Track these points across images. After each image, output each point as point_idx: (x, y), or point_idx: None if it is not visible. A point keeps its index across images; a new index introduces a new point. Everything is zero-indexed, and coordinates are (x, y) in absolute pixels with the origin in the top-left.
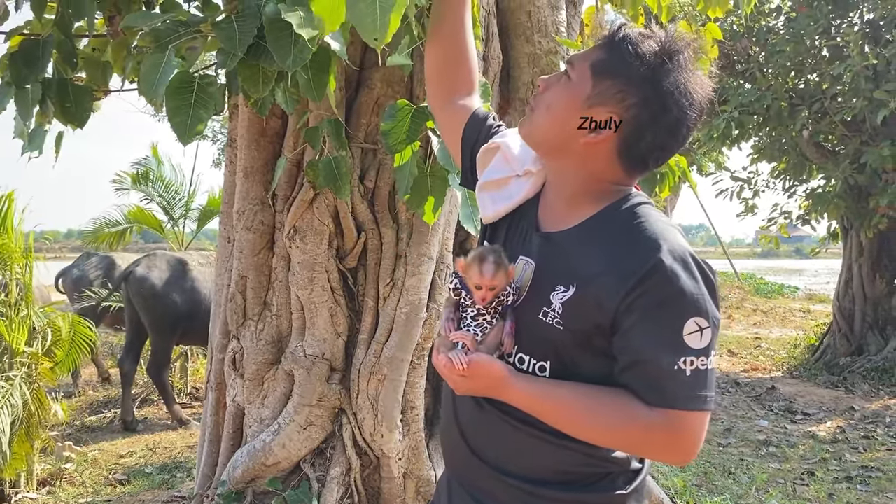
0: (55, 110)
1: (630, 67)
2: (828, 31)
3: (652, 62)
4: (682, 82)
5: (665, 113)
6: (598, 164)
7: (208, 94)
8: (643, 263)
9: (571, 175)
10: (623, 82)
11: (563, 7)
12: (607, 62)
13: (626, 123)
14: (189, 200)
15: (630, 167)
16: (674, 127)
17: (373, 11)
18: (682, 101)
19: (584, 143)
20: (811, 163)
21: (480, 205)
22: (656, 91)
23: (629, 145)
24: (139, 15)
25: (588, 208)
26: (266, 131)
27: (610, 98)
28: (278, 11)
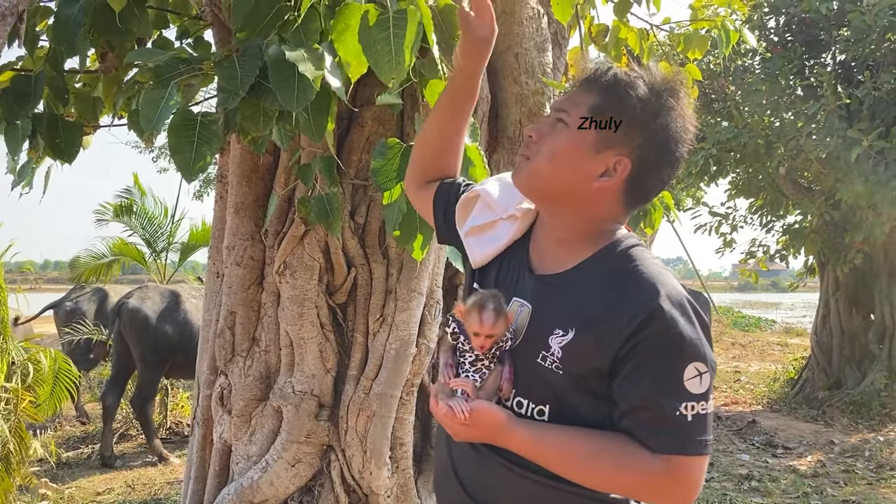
0: (45, 146)
1: (631, 109)
2: (802, 71)
3: (652, 102)
4: (681, 118)
5: (669, 149)
6: (603, 207)
7: (211, 131)
8: (642, 309)
9: (572, 218)
10: (629, 125)
11: (549, 49)
12: (605, 106)
13: (633, 164)
14: (171, 233)
15: (632, 206)
16: (675, 161)
17: (388, 52)
18: (682, 136)
19: (595, 189)
20: (787, 199)
21: (468, 251)
22: (659, 129)
23: (636, 185)
24: (142, 51)
25: (583, 250)
26: (258, 167)
27: (616, 141)
28: (282, 52)
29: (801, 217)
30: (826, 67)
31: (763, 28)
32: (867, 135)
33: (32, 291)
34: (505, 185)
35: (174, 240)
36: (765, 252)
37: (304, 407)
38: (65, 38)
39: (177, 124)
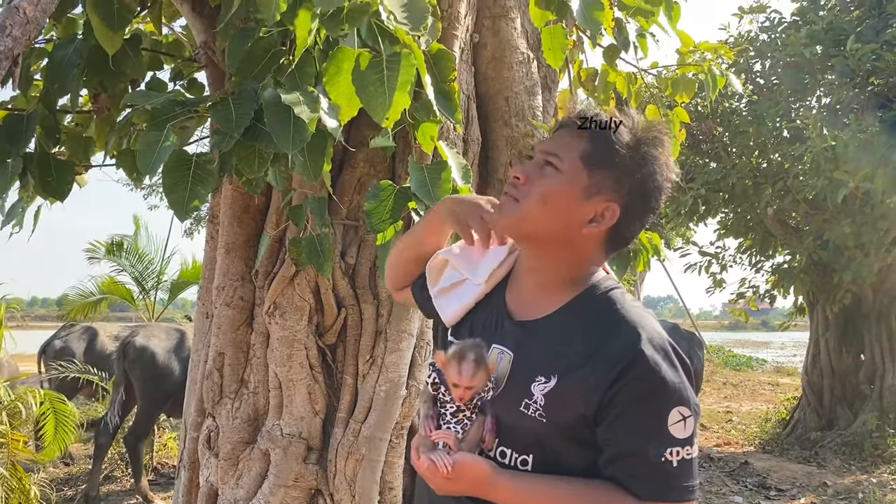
0: (35, 184)
1: (620, 156)
2: (788, 113)
3: (640, 150)
4: (665, 167)
5: (653, 197)
6: (588, 251)
7: (206, 171)
8: (624, 354)
9: (556, 263)
10: (617, 171)
11: (538, 93)
12: (596, 152)
13: (621, 211)
14: (161, 272)
15: (612, 250)
16: (655, 208)
17: (381, 93)
18: (665, 185)
19: (584, 234)
20: (776, 239)
21: (440, 311)
22: (646, 177)
23: (620, 231)
24: (138, 94)
25: (564, 294)
26: (249, 208)
27: (606, 187)
28: (277, 95)
29: (789, 257)
30: (812, 110)
31: (749, 71)
32: (853, 176)
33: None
34: (466, 247)
35: (164, 278)
36: (754, 292)
37: (293, 450)
38: (58, 78)
39: (172, 165)
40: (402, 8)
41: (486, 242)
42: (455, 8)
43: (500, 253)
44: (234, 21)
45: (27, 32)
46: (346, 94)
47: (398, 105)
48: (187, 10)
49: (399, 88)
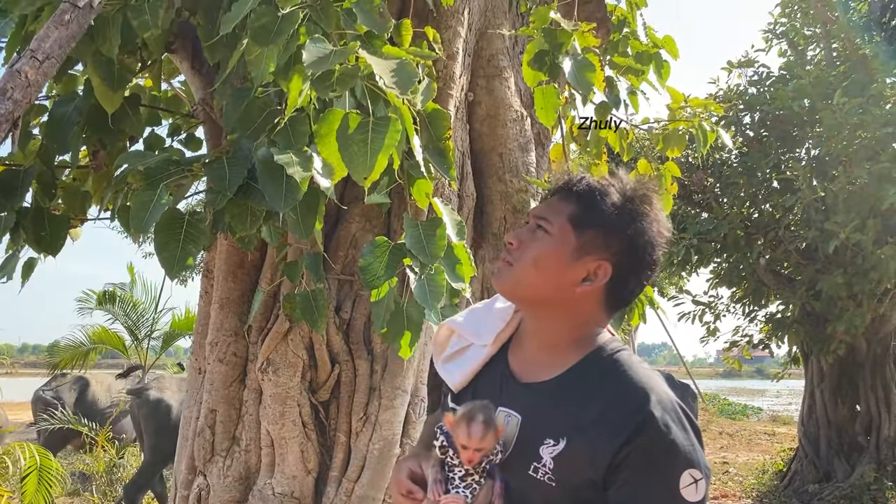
0: (28, 238)
1: (607, 215)
2: (778, 165)
3: (627, 209)
4: (655, 223)
5: (646, 253)
6: (587, 311)
7: (198, 230)
8: (634, 417)
9: (556, 324)
10: (605, 231)
11: (532, 149)
12: (584, 214)
13: (613, 269)
14: (154, 321)
15: (614, 309)
16: (652, 264)
17: (363, 153)
18: (657, 240)
19: (578, 294)
20: (769, 289)
21: (447, 377)
22: (636, 235)
23: (617, 289)
24: (133, 154)
25: (569, 356)
26: (244, 263)
27: (596, 247)
28: (271, 154)
29: (782, 307)
30: (801, 162)
31: (739, 124)
32: (844, 227)
33: (9, 376)
34: (473, 311)
35: (157, 327)
36: (748, 342)
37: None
38: (58, 136)
39: (164, 223)
40: (392, 73)
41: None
42: (450, 69)
43: (505, 314)
44: (232, 80)
45: (28, 95)
46: (337, 154)
47: (379, 166)
48: (186, 68)
49: (383, 151)
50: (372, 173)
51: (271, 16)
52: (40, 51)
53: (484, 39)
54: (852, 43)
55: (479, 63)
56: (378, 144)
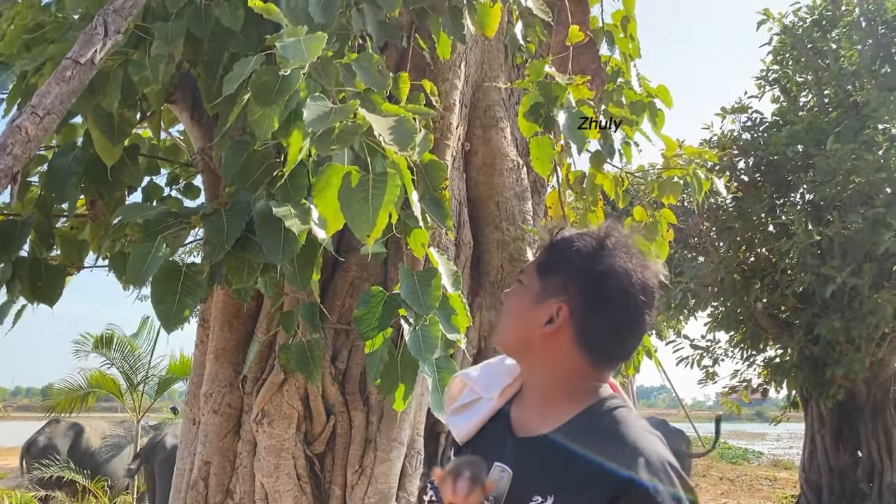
0: (24, 289)
1: (569, 260)
2: (773, 210)
3: (587, 251)
4: (619, 265)
5: (607, 294)
6: (560, 356)
7: (195, 282)
8: (621, 478)
9: (540, 373)
10: (565, 274)
11: (528, 198)
12: (549, 260)
13: (575, 311)
14: (150, 366)
15: (593, 356)
16: (621, 308)
17: (365, 210)
18: (623, 282)
19: (541, 336)
20: (767, 333)
21: (453, 429)
22: (594, 275)
23: (584, 331)
24: (131, 207)
25: (564, 410)
26: (240, 312)
27: (556, 290)
28: (269, 207)
29: (781, 351)
30: (796, 206)
31: (733, 169)
32: (840, 272)
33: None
34: (486, 366)
35: (152, 371)
36: (746, 387)
37: None
38: (57, 186)
39: (161, 275)
40: (391, 130)
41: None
42: (447, 120)
43: (513, 370)
44: (231, 132)
45: (27, 150)
46: (333, 208)
47: (381, 223)
48: (186, 118)
49: (383, 207)
50: (374, 230)
51: (272, 75)
52: (41, 106)
53: (480, 91)
54: (844, 90)
55: (476, 113)
56: (379, 201)
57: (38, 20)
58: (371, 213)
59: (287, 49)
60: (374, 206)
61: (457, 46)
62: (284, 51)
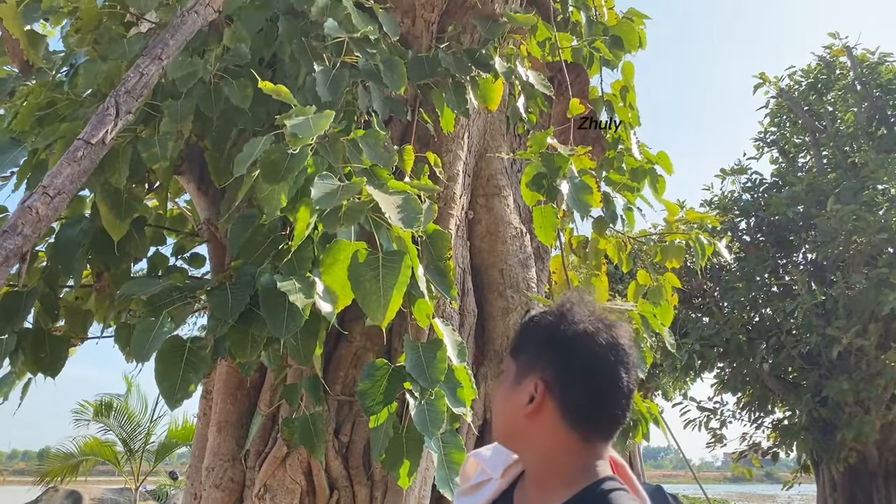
0: (27, 360)
1: (535, 335)
2: (776, 270)
3: (550, 323)
4: (582, 328)
5: (577, 359)
6: (548, 435)
7: (199, 358)
8: None
9: (532, 456)
10: (533, 350)
11: (532, 265)
12: (519, 341)
13: (550, 384)
14: (149, 432)
15: (580, 427)
16: (593, 369)
17: (376, 291)
18: (589, 344)
19: (525, 418)
20: (774, 394)
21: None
22: (561, 344)
23: (565, 401)
24: (137, 282)
25: (559, 495)
26: (243, 385)
27: (529, 368)
28: (274, 281)
29: (789, 413)
30: (798, 266)
31: (735, 229)
32: (846, 333)
33: None
34: (497, 446)
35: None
36: (756, 450)
37: None
38: (63, 258)
39: (165, 351)
40: (398, 209)
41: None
42: (451, 190)
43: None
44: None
45: (38, 230)
46: (342, 284)
47: (394, 304)
48: (192, 189)
49: (396, 288)
50: (387, 312)
51: (281, 153)
52: (52, 186)
53: (483, 160)
54: (842, 151)
55: (479, 182)
56: (391, 282)
57: (51, 98)
58: (383, 294)
59: (297, 127)
60: (386, 288)
61: (460, 119)
62: (294, 129)
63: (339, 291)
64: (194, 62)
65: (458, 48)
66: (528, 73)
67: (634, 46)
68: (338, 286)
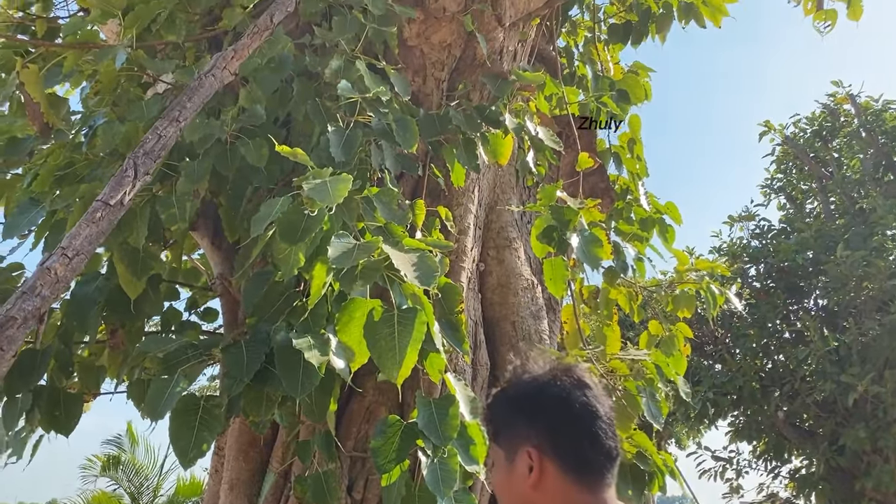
0: (42, 419)
1: (505, 415)
2: (787, 316)
3: (512, 397)
4: (544, 384)
5: (553, 413)
6: (559, 496)
7: (213, 416)
8: None
9: None
10: (510, 428)
11: (544, 317)
12: (493, 428)
13: (541, 448)
14: (158, 487)
15: (585, 477)
16: (572, 415)
17: (392, 348)
18: (557, 394)
19: (531, 488)
20: (790, 443)
21: None
22: (531, 408)
23: (562, 456)
24: (152, 340)
25: None
26: (255, 442)
27: (515, 445)
28: (289, 339)
29: (806, 462)
30: (810, 312)
31: (745, 276)
32: (861, 380)
33: None
34: None
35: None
36: (773, 502)
37: None
38: (79, 316)
39: (180, 410)
40: (413, 267)
41: None
42: (462, 243)
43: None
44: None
45: (56, 291)
46: (358, 341)
47: (409, 362)
48: (207, 244)
49: (411, 345)
50: (402, 369)
51: (298, 214)
52: (71, 248)
53: (493, 212)
54: (849, 197)
55: (490, 234)
56: (406, 339)
57: (70, 158)
58: (398, 351)
59: (314, 191)
60: (401, 345)
61: (470, 173)
62: (312, 193)
63: (356, 349)
64: (211, 124)
65: (468, 105)
66: (538, 128)
67: (640, 99)
68: (354, 344)
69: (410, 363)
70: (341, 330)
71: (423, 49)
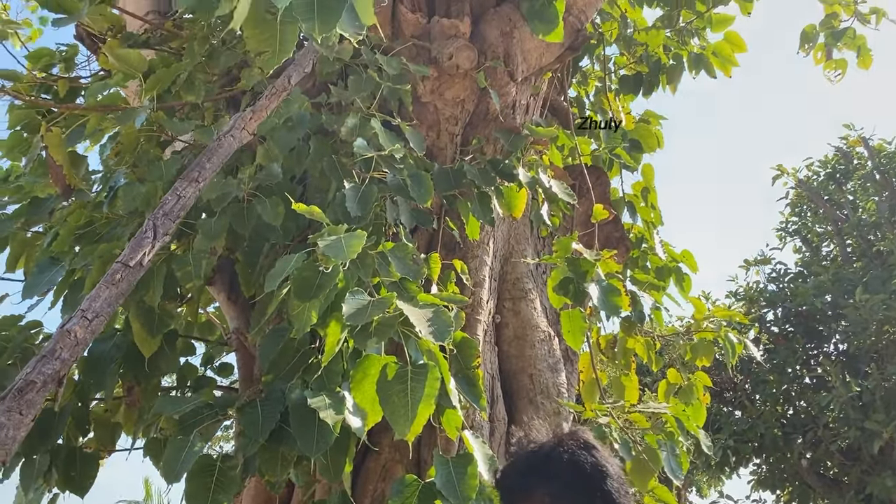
0: (59, 479)
1: (512, 482)
2: (807, 361)
3: (512, 465)
4: (536, 448)
5: (557, 474)
6: None
7: (229, 478)
8: None
9: None
10: (521, 490)
11: (561, 370)
12: (506, 494)
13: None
14: None
15: None
16: (576, 473)
17: (404, 405)
18: (554, 454)
19: None
20: (815, 492)
21: None
22: (532, 469)
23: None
24: (168, 400)
25: None
26: (271, 502)
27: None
28: (304, 398)
29: None
30: (830, 357)
31: (762, 321)
32: (886, 426)
33: None
34: None
35: None
36: None
37: None
38: (95, 374)
39: (196, 471)
40: (428, 322)
41: None
42: (478, 295)
43: None
44: None
45: (75, 354)
46: (371, 400)
47: (421, 418)
48: (223, 299)
49: (423, 401)
50: (413, 426)
51: (313, 271)
52: (90, 310)
53: (508, 264)
54: (866, 240)
55: (505, 286)
56: (418, 395)
57: (90, 217)
58: (410, 408)
59: (329, 248)
60: (414, 401)
61: (485, 226)
62: (327, 249)
63: (369, 407)
64: (228, 183)
65: (482, 159)
66: (552, 181)
67: (653, 148)
68: (367, 402)
69: (422, 420)
70: (355, 388)
71: (437, 105)
